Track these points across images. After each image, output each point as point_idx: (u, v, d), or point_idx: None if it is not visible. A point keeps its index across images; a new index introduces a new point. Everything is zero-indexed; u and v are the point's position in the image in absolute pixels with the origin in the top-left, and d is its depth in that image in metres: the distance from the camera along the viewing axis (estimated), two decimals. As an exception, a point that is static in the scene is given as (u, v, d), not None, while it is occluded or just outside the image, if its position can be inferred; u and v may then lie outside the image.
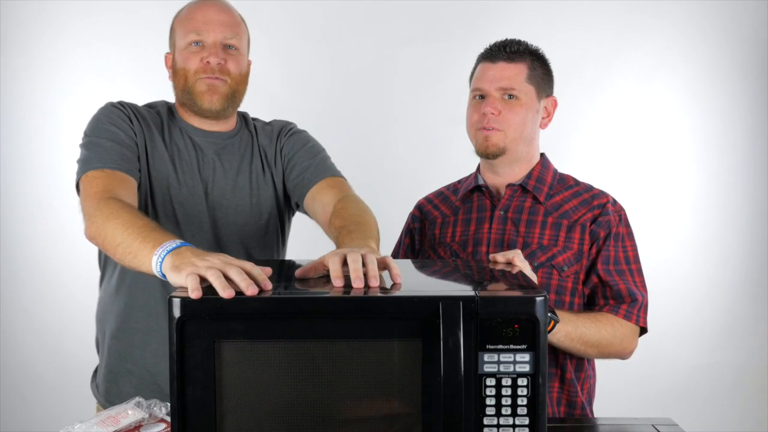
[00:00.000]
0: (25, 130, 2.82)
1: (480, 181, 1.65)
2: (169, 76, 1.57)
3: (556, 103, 1.65)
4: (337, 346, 0.93)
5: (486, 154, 1.57)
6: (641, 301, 1.52)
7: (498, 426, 0.93)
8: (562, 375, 1.52)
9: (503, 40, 1.60)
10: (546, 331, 0.93)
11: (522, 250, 1.49)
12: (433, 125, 2.81)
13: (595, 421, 1.49)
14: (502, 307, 0.93)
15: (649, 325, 1.54)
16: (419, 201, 1.78)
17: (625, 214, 1.59)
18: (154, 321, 1.50)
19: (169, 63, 1.57)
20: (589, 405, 1.59)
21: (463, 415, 0.91)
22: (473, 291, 0.95)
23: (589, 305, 1.56)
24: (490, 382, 0.93)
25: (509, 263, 1.28)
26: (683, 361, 2.88)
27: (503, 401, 0.93)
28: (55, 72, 2.81)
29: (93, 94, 2.78)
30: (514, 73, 1.56)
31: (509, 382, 0.93)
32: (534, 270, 1.41)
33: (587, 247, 1.54)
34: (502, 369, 0.93)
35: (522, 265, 1.26)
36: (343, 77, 2.84)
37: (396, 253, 1.75)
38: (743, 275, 2.92)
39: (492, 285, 1.14)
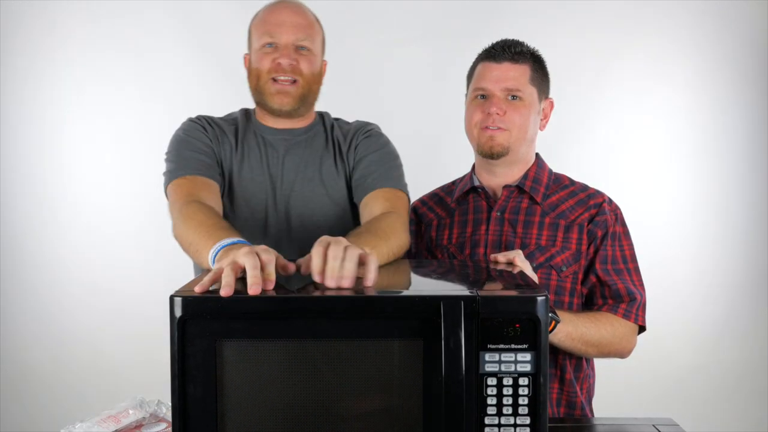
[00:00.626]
0: (25, 130, 2.82)
1: (475, 182, 1.65)
2: (247, 76, 1.60)
3: (552, 105, 1.65)
4: (338, 345, 0.93)
5: (491, 154, 1.56)
6: (639, 300, 1.52)
7: (499, 426, 0.93)
8: (562, 375, 1.53)
9: (505, 40, 1.59)
10: (547, 331, 0.93)
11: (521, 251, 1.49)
12: (433, 125, 2.80)
13: (595, 421, 1.49)
14: (503, 306, 0.93)
15: (649, 325, 1.54)
16: (413, 203, 1.76)
17: (620, 213, 1.59)
18: None
19: (246, 64, 1.61)
20: (589, 404, 1.59)
21: (465, 415, 0.91)
22: (474, 291, 0.95)
23: (587, 305, 1.56)
24: (492, 381, 0.93)
25: (510, 263, 1.28)
26: (683, 361, 2.88)
27: (504, 401, 0.93)
28: (56, 73, 2.81)
29: (94, 95, 2.81)
30: (518, 73, 1.55)
31: (510, 382, 0.93)
32: (533, 270, 1.41)
33: (585, 247, 1.54)
34: (503, 369, 0.93)
35: (523, 265, 1.26)
36: (343, 77, 2.83)
37: None
38: (743, 275, 2.92)
39: (493, 285, 1.14)
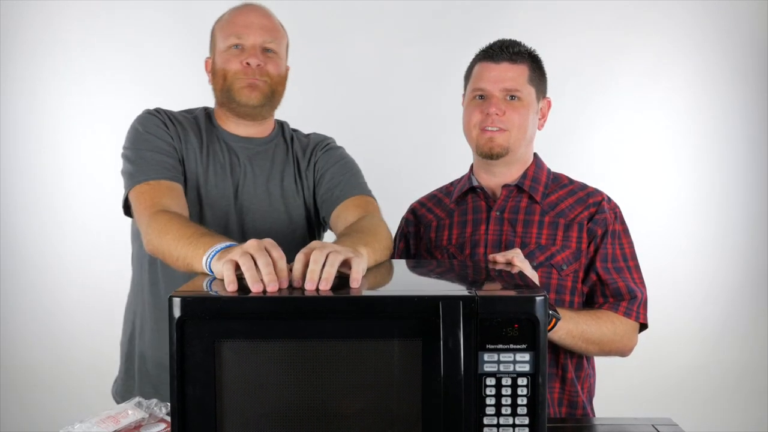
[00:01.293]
0: (24, 130, 2.82)
1: (474, 183, 1.65)
2: (209, 80, 1.59)
3: (550, 104, 1.65)
4: (337, 345, 0.93)
5: (490, 154, 1.56)
6: (640, 298, 1.52)
7: (498, 426, 0.93)
8: (563, 375, 1.52)
9: (502, 40, 1.59)
10: (546, 331, 0.93)
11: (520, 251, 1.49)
12: (433, 126, 2.80)
13: (594, 421, 1.49)
14: (502, 306, 0.93)
15: (649, 325, 1.54)
16: (412, 204, 1.76)
17: (620, 212, 1.59)
18: None
19: (208, 67, 1.59)
20: (589, 404, 1.59)
21: (463, 415, 0.91)
22: (473, 291, 0.95)
23: (588, 304, 1.56)
24: (490, 381, 0.93)
25: (509, 263, 1.28)
26: (683, 361, 2.88)
27: (503, 401, 0.93)
28: (55, 72, 2.81)
29: (94, 95, 2.81)
30: (517, 74, 1.55)
31: (509, 382, 0.93)
32: (533, 269, 1.41)
33: (585, 246, 1.54)
34: (502, 369, 0.93)
35: (522, 265, 1.26)
36: (343, 77, 2.84)
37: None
38: (743, 275, 2.92)
39: (492, 285, 1.14)
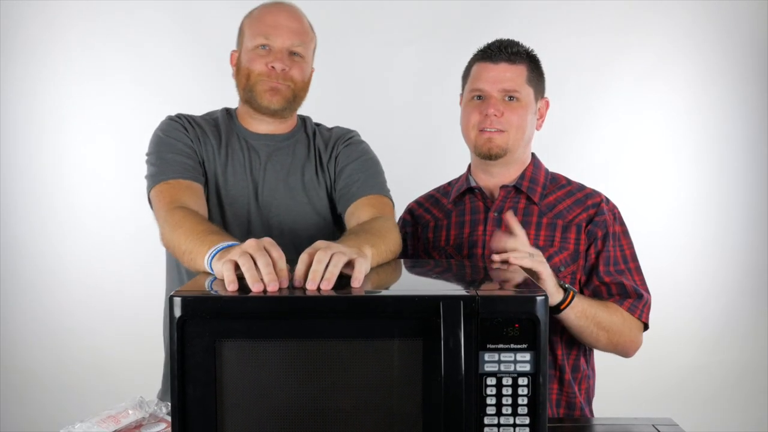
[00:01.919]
0: (24, 130, 2.82)
1: (472, 183, 1.64)
2: (233, 73, 1.58)
3: (548, 104, 1.65)
4: (338, 345, 0.93)
5: (489, 155, 1.55)
6: (646, 298, 1.52)
7: (498, 425, 0.93)
8: (561, 376, 1.52)
9: (500, 40, 1.58)
10: (546, 332, 0.93)
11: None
12: (432, 125, 2.80)
13: (594, 421, 1.49)
14: (502, 306, 0.93)
15: (650, 325, 1.54)
16: (410, 205, 1.76)
17: (618, 212, 1.59)
18: None
19: (233, 60, 1.58)
20: (588, 405, 1.58)
21: (464, 415, 0.91)
22: (474, 290, 0.95)
23: None
24: (491, 381, 0.93)
25: (505, 262, 1.28)
26: (684, 361, 2.88)
27: (504, 401, 0.93)
28: (55, 73, 2.81)
29: (94, 96, 2.80)
30: (515, 74, 1.54)
31: (510, 382, 0.93)
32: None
33: (584, 247, 1.53)
34: (502, 368, 0.93)
35: (517, 261, 1.26)
36: (342, 77, 2.84)
37: None
38: (743, 275, 2.92)
39: (492, 284, 1.14)
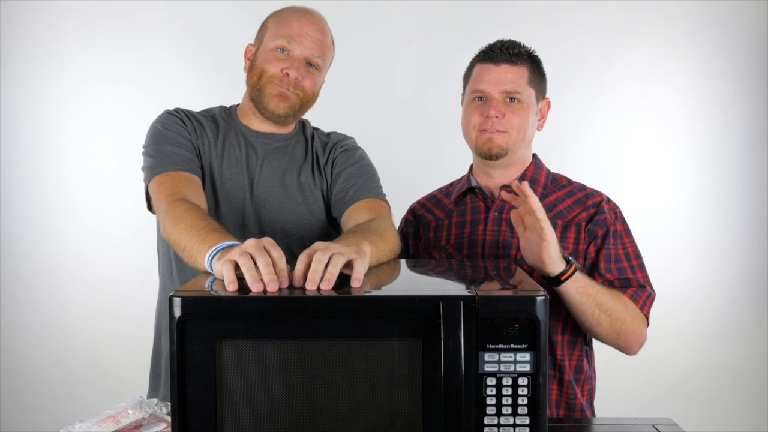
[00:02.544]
0: (24, 131, 2.82)
1: (473, 183, 1.64)
2: (245, 66, 1.57)
3: (549, 105, 1.65)
4: (338, 345, 0.93)
5: (490, 155, 1.56)
6: (648, 291, 1.50)
7: (498, 425, 0.93)
8: (561, 377, 1.51)
9: (502, 40, 1.58)
10: (546, 332, 0.93)
11: (517, 252, 1.48)
12: (433, 126, 2.80)
13: (594, 422, 1.49)
14: (502, 306, 0.93)
15: (650, 324, 1.53)
16: (412, 205, 1.76)
17: (620, 212, 1.58)
18: None
19: (248, 54, 1.57)
20: (590, 406, 1.57)
21: (464, 415, 0.91)
22: (474, 290, 0.95)
23: None
24: (491, 381, 0.93)
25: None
26: (684, 361, 2.88)
27: (504, 401, 0.93)
28: (55, 74, 2.81)
29: (93, 96, 2.80)
30: (517, 75, 1.54)
31: (510, 382, 0.93)
32: (529, 271, 1.40)
33: (583, 247, 1.53)
34: (502, 368, 0.93)
35: (537, 206, 1.29)
36: (342, 77, 2.83)
37: None
38: (743, 275, 2.92)
39: (492, 284, 1.14)
